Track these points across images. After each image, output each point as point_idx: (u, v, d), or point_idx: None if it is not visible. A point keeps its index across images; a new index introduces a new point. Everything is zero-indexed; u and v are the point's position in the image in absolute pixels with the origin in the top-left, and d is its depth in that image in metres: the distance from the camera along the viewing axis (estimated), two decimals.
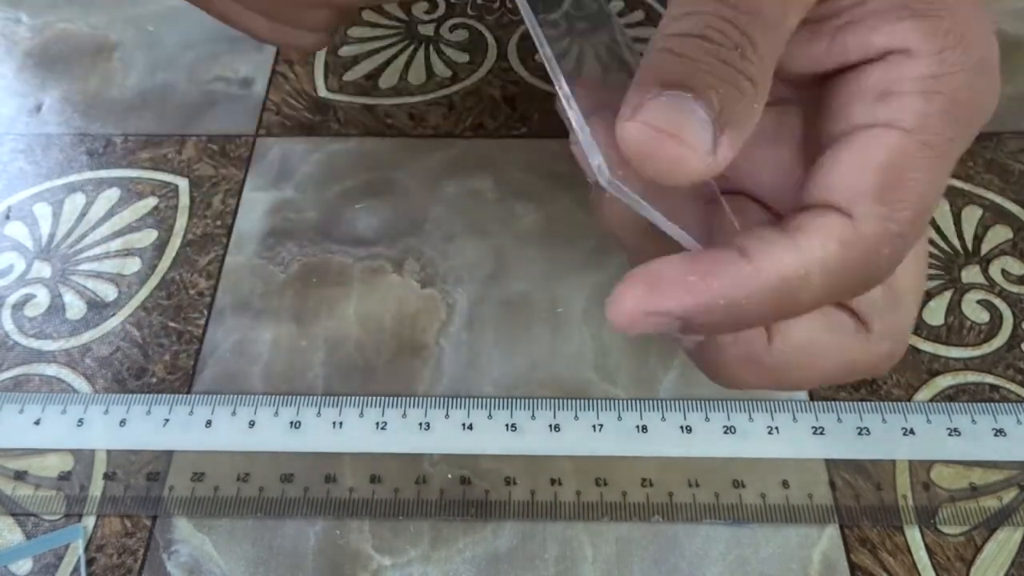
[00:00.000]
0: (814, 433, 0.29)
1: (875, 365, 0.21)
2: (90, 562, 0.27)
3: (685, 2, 0.18)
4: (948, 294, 0.32)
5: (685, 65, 0.17)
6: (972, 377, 0.30)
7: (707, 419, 0.29)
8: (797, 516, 0.27)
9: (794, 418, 0.29)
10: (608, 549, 0.27)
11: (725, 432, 0.29)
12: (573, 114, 0.19)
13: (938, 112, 0.18)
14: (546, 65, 0.20)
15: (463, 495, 0.28)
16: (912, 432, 0.29)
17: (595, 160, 0.18)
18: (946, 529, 0.27)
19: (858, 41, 0.19)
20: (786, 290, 0.18)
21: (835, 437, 0.28)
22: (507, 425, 0.29)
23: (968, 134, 0.19)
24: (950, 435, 0.28)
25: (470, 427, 0.29)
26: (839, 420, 0.29)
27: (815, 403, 0.29)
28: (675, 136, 0.17)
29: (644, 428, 0.29)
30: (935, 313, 0.32)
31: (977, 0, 0.19)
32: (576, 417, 0.29)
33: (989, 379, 0.30)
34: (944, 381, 0.30)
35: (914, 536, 0.27)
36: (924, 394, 0.30)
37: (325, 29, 0.31)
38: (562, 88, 0.19)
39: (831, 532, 0.27)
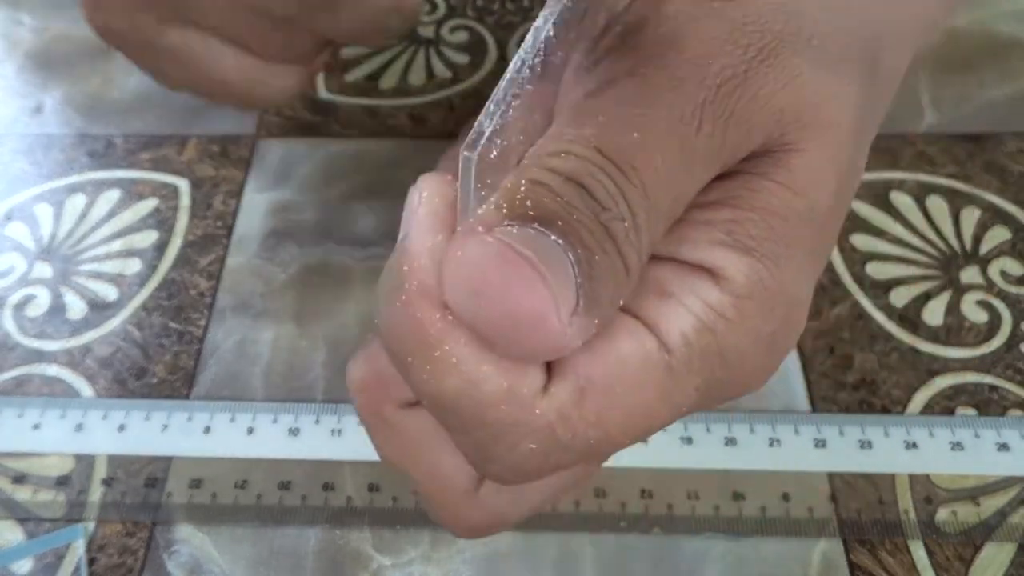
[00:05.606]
0: (816, 446, 0.28)
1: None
2: (91, 562, 0.27)
3: (562, 138, 0.14)
4: (947, 295, 0.32)
5: (560, 208, 0.13)
6: (971, 377, 0.30)
7: (708, 430, 0.29)
8: (797, 529, 0.27)
9: (796, 430, 0.29)
10: (608, 549, 0.27)
11: (726, 444, 0.28)
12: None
13: (699, 351, 0.15)
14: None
15: None
16: (915, 445, 0.28)
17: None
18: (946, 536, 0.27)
19: (687, 245, 0.16)
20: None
21: (837, 450, 0.28)
22: None
23: (710, 396, 0.16)
24: (952, 449, 0.28)
25: None
26: (841, 433, 0.29)
27: (817, 415, 0.29)
28: (541, 274, 0.12)
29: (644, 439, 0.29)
30: (934, 314, 0.32)
31: (806, 268, 0.17)
32: None
33: (988, 379, 0.30)
34: (943, 381, 0.30)
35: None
36: (923, 395, 0.30)
37: (306, 62, 0.29)
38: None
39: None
